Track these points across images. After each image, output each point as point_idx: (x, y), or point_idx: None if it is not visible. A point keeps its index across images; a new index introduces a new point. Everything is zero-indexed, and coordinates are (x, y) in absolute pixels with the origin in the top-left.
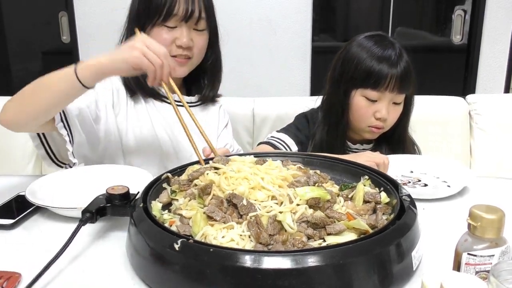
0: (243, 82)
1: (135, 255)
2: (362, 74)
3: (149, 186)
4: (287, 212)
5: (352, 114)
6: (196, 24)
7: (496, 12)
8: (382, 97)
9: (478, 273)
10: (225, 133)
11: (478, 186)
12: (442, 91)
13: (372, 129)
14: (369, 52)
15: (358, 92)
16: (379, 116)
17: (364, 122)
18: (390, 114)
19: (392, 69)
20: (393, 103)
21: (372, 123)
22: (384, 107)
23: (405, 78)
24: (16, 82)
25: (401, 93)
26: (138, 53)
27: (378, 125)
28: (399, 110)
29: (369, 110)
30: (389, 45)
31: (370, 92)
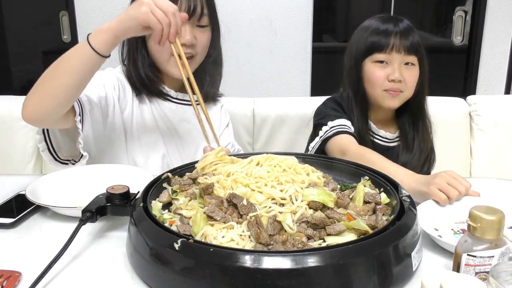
0: (243, 82)
1: (135, 255)
2: (368, 43)
3: (149, 186)
4: (287, 212)
5: (367, 83)
6: (198, 21)
7: (496, 13)
8: (391, 59)
9: (478, 274)
10: (226, 133)
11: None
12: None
13: (390, 93)
14: (374, 25)
15: (368, 61)
16: (392, 78)
17: (379, 86)
18: (405, 76)
19: (395, 28)
20: (405, 64)
21: (386, 86)
22: (395, 68)
23: (409, 37)
24: (16, 82)
25: (409, 52)
26: (146, 9)
27: (394, 88)
28: (415, 71)
29: (381, 74)
30: (393, 18)
31: (378, 55)
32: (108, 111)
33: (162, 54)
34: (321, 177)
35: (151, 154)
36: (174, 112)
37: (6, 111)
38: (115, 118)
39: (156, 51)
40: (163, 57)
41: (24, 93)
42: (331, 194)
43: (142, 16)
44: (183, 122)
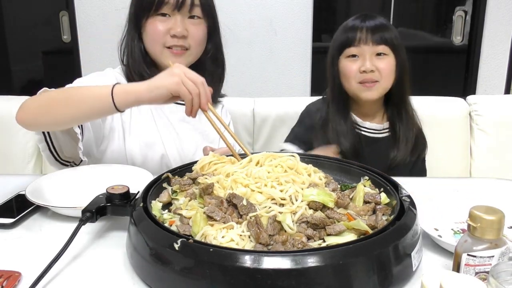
0: (243, 82)
1: (135, 255)
2: (339, 40)
3: (149, 186)
4: (287, 212)
5: (343, 78)
6: (189, 12)
7: (496, 13)
8: (361, 52)
9: (478, 274)
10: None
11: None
12: (442, 92)
13: (365, 85)
14: (344, 25)
15: (342, 57)
16: (363, 69)
17: (353, 79)
18: (378, 65)
19: (363, 23)
20: (377, 55)
21: (360, 78)
22: (366, 59)
23: (378, 28)
24: (16, 82)
25: (379, 43)
26: (177, 79)
27: (367, 78)
28: (389, 62)
29: (353, 67)
30: (364, 15)
31: (348, 50)
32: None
33: (155, 46)
34: (323, 177)
35: (150, 154)
36: (173, 113)
37: (6, 111)
38: (114, 119)
39: (150, 45)
40: (157, 49)
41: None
42: (331, 194)
43: (174, 87)
44: (182, 122)
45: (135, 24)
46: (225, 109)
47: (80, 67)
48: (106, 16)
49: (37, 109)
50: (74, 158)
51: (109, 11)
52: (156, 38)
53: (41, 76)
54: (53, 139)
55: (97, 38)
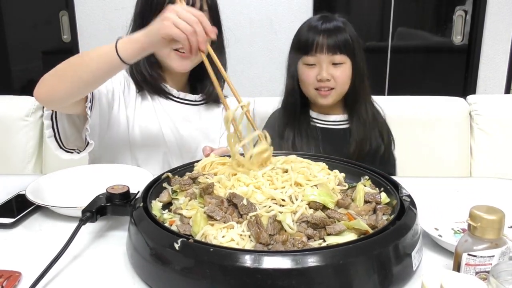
0: (243, 82)
1: (135, 255)
2: (299, 44)
3: (149, 186)
4: (287, 212)
5: (301, 82)
6: None
7: (497, 13)
8: (318, 60)
9: (478, 273)
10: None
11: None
12: (442, 91)
13: (320, 93)
14: (306, 25)
15: (300, 62)
16: (320, 78)
17: (311, 85)
18: (333, 73)
19: (320, 31)
20: (333, 64)
21: (316, 85)
22: (322, 68)
23: (333, 37)
24: (16, 82)
25: (335, 53)
26: (167, 23)
27: (322, 86)
28: (345, 69)
29: (310, 74)
30: (324, 18)
31: (306, 58)
32: (114, 104)
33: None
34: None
35: (152, 151)
36: (176, 111)
37: (6, 111)
38: (119, 112)
39: None
40: (164, 52)
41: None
42: (333, 195)
43: (164, 31)
44: (185, 121)
45: (140, 24)
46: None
47: None
48: (106, 16)
49: (52, 79)
50: (78, 147)
51: (109, 11)
52: None
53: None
54: (59, 127)
55: (97, 38)
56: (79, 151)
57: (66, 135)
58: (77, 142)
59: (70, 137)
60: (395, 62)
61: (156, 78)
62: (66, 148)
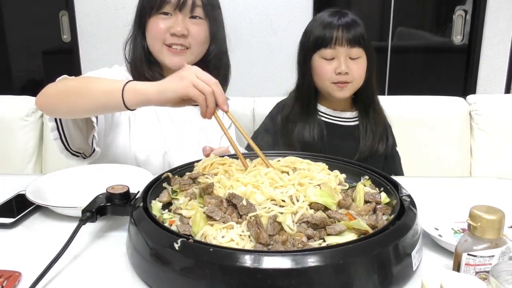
0: (243, 82)
1: (135, 255)
2: (314, 39)
3: (149, 186)
4: (287, 213)
5: (316, 76)
6: (191, 12)
7: (497, 13)
8: (337, 54)
9: (478, 273)
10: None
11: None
12: (442, 91)
13: (338, 85)
14: (319, 20)
15: (316, 56)
16: (339, 71)
17: (327, 79)
18: (352, 68)
19: (338, 25)
20: (351, 58)
21: (334, 79)
22: (342, 62)
23: (351, 30)
24: (16, 82)
25: (353, 46)
26: (187, 83)
27: (341, 80)
28: (361, 64)
29: (328, 68)
30: (339, 12)
31: (324, 51)
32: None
33: (155, 44)
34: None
35: (153, 151)
36: (177, 112)
37: (6, 111)
38: (121, 115)
39: (151, 42)
40: (156, 46)
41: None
42: (335, 196)
43: (183, 90)
44: (185, 122)
45: (139, 23)
46: None
47: (80, 67)
48: (106, 16)
49: (55, 97)
50: (84, 150)
51: (109, 11)
52: (156, 36)
53: (41, 76)
54: (65, 129)
55: (97, 38)
56: (84, 156)
57: (72, 137)
58: (83, 144)
59: (75, 139)
60: (395, 62)
61: (156, 78)
62: (72, 150)
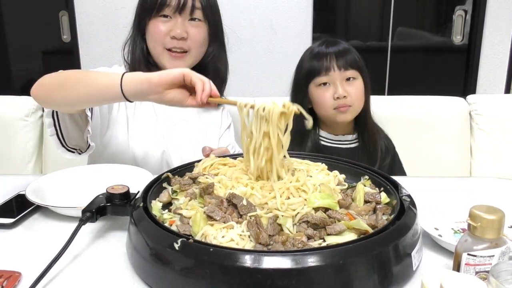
0: (243, 82)
1: (135, 255)
2: (307, 69)
3: (149, 186)
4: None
5: (316, 105)
6: (190, 15)
7: (497, 13)
8: (331, 79)
9: (478, 273)
10: (227, 134)
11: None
12: (442, 91)
13: (339, 110)
14: (309, 52)
15: (312, 85)
16: (337, 95)
17: (329, 106)
18: (349, 90)
19: (329, 49)
20: (347, 80)
21: (335, 104)
22: (338, 86)
23: (344, 54)
24: (16, 82)
25: (347, 68)
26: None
27: (341, 104)
28: (358, 84)
29: (326, 95)
30: (327, 42)
31: (319, 78)
32: (113, 104)
33: (156, 47)
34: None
35: (151, 150)
36: (175, 111)
37: (6, 111)
38: (119, 112)
39: (151, 45)
40: (157, 50)
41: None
42: (334, 196)
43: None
44: (184, 121)
45: (138, 25)
46: (226, 110)
47: (80, 67)
48: (106, 16)
49: (51, 86)
50: (80, 146)
51: (109, 11)
52: (157, 39)
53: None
54: (61, 125)
55: (97, 38)
56: (80, 152)
57: (68, 133)
58: (79, 141)
59: (72, 136)
60: (395, 62)
61: None
62: (68, 146)
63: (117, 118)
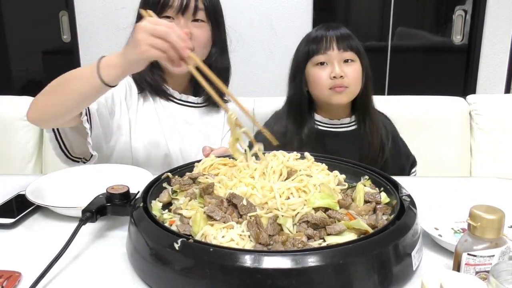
0: (243, 82)
1: (135, 255)
2: (305, 49)
3: (149, 186)
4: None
5: (312, 85)
6: (194, 16)
7: (496, 13)
8: (329, 58)
9: (478, 273)
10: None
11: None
12: (442, 91)
13: (335, 90)
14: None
15: (309, 65)
16: (334, 74)
17: (325, 86)
18: (346, 71)
19: (328, 31)
20: (345, 62)
21: (330, 84)
22: (335, 65)
23: (345, 37)
24: (16, 82)
25: (345, 49)
26: (144, 47)
27: (338, 84)
28: (356, 67)
29: (323, 74)
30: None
31: (316, 57)
32: (115, 109)
33: None
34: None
35: (153, 153)
36: (178, 113)
37: (6, 111)
38: (121, 116)
39: None
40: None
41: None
42: (334, 196)
43: (143, 56)
44: (186, 123)
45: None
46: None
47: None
48: (106, 16)
49: (42, 100)
50: (85, 155)
51: (109, 11)
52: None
53: (41, 76)
54: (63, 137)
55: (97, 38)
56: (85, 161)
57: (71, 144)
58: (83, 148)
59: (75, 145)
60: (395, 62)
61: (157, 80)
62: (73, 156)
63: (120, 122)
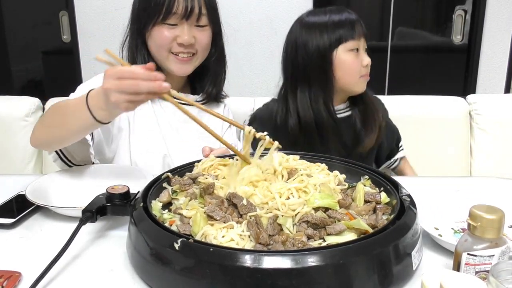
0: (243, 82)
1: (135, 255)
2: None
3: (149, 186)
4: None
5: (343, 71)
6: (197, 21)
7: (496, 12)
8: (360, 45)
9: (478, 273)
10: (229, 133)
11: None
12: (442, 91)
13: (364, 77)
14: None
15: (341, 49)
16: (366, 63)
17: (358, 73)
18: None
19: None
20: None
21: (362, 72)
22: (364, 54)
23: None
24: (16, 82)
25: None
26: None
27: (367, 73)
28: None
29: (356, 61)
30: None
31: (351, 43)
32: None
33: (161, 52)
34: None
35: (152, 154)
36: (176, 112)
37: (6, 111)
38: (121, 119)
39: (155, 50)
40: (162, 55)
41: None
42: (334, 195)
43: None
44: (185, 123)
45: (138, 31)
46: (227, 108)
47: (80, 67)
48: (106, 16)
49: (40, 133)
50: (87, 161)
51: (109, 11)
52: (162, 44)
53: (41, 76)
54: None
55: (97, 38)
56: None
57: (70, 153)
58: (84, 153)
59: (75, 153)
60: (395, 62)
61: None
62: (75, 164)
63: (120, 125)
